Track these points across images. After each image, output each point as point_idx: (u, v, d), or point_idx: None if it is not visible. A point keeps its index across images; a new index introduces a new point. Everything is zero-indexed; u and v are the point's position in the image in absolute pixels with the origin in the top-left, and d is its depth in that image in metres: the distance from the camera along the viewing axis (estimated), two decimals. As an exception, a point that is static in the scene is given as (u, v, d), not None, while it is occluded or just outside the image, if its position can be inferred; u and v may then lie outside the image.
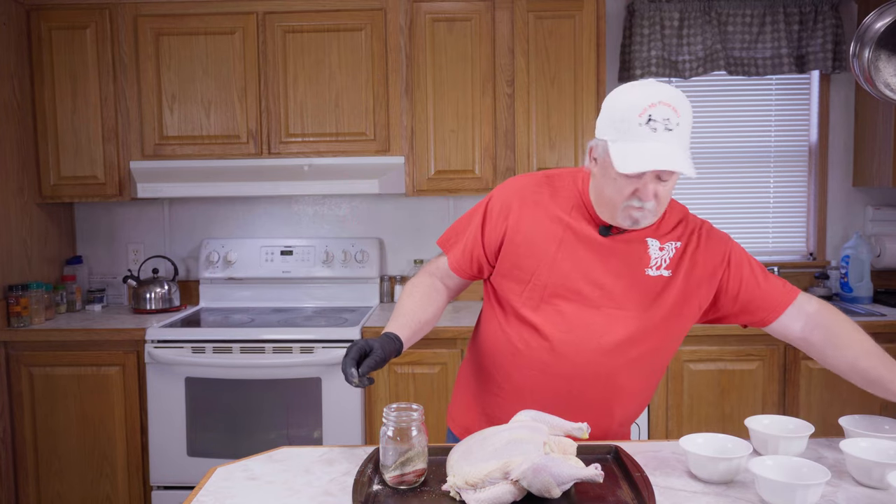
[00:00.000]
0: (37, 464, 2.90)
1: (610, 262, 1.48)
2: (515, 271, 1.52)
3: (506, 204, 1.55)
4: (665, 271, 1.49)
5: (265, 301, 3.35)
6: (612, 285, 1.48)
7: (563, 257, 1.49)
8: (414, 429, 1.28)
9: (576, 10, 3.01)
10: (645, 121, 1.33)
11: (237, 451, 2.72)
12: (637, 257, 1.48)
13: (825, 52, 3.21)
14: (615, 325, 1.47)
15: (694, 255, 1.50)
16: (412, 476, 1.27)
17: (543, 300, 1.49)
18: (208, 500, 1.27)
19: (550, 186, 1.55)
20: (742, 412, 2.78)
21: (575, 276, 1.48)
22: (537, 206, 1.53)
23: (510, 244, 1.53)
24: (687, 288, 1.49)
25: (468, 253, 1.59)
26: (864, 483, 1.29)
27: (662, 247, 1.50)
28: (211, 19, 3.05)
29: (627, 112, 1.35)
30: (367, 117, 3.05)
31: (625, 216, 1.42)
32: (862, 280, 3.17)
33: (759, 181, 3.46)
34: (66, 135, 3.10)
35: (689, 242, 1.51)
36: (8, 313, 2.90)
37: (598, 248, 1.49)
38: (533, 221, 1.52)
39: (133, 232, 3.49)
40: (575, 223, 1.50)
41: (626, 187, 1.39)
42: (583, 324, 1.47)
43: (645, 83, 1.39)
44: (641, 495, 1.19)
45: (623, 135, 1.35)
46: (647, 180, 1.37)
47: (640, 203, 1.39)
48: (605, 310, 1.47)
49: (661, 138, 1.33)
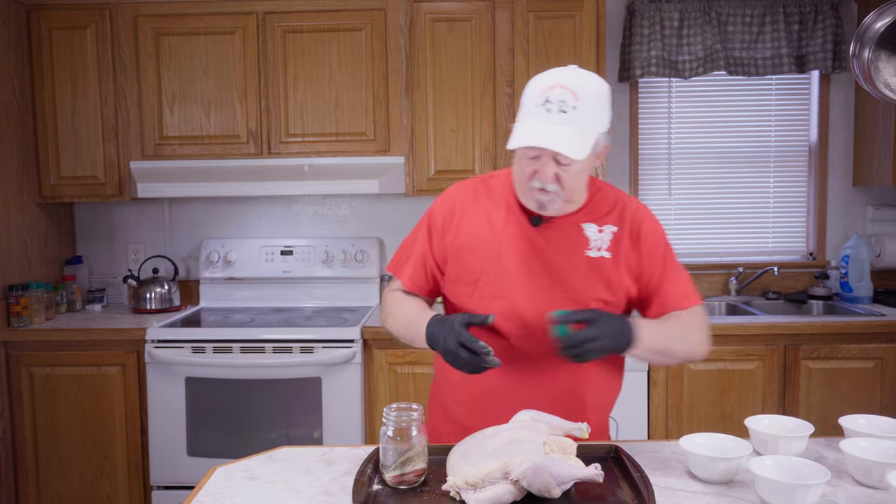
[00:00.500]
0: (37, 464, 2.90)
1: (551, 250, 1.51)
2: (464, 274, 1.55)
3: (448, 212, 1.58)
4: (606, 252, 1.52)
5: (265, 301, 3.35)
6: (557, 272, 1.51)
7: (507, 252, 1.52)
8: (414, 429, 1.28)
9: (576, 10, 3.01)
10: (542, 101, 1.38)
11: (237, 451, 2.72)
12: (575, 241, 1.52)
13: (825, 52, 3.21)
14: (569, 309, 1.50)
15: (629, 239, 1.53)
16: (412, 476, 1.27)
17: (495, 297, 1.52)
18: (208, 500, 1.27)
19: (486, 187, 1.59)
20: (742, 412, 2.77)
21: (520, 269, 1.51)
22: (476, 208, 1.57)
23: (456, 249, 1.56)
24: (624, 269, 1.52)
25: (420, 268, 1.60)
26: (864, 483, 1.29)
27: (601, 229, 1.53)
28: (211, 19, 3.05)
29: (530, 94, 1.41)
30: (367, 117, 3.05)
31: (531, 198, 1.46)
32: (862, 280, 3.17)
33: (759, 181, 3.46)
34: (66, 135, 3.10)
35: (624, 226, 1.54)
36: (8, 313, 2.90)
37: (537, 238, 1.52)
38: (474, 223, 1.55)
39: (133, 232, 3.49)
40: (512, 218, 1.54)
41: (527, 167, 1.43)
42: (537, 314, 1.49)
43: (560, 68, 1.45)
44: (641, 495, 1.19)
45: (523, 115, 1.42)
46: (545, 161, 1.40)
47: (541, 184, 1.42)
48: (555, 297, 1.50)
49: (553, 119, 1.36)
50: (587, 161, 1.43)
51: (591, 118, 1.39)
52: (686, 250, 3.48)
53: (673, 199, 3.46)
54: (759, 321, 2.84)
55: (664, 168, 3.45)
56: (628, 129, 3.42)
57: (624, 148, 3.42)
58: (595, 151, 1.43)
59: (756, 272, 3.37)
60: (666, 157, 3.45)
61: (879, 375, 2.80)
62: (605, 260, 1.51)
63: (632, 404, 2.82)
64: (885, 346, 2.80)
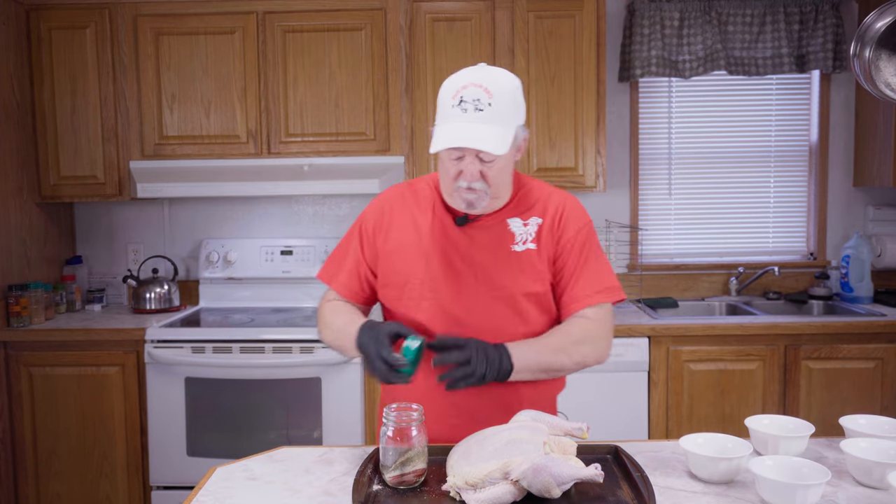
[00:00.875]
0: (36, 464, 2.90)
1: (476, 249, 1.53)
2: (393, 277, 1.56)
3: (377, 218, 1.60)
4: (531, 245, 1.54)
5: (265, 301, 3.35)
6: (483, 269, 1.52)
7: (433, 254, 1.54)
8: (414, 429, 1.28)
9: (576, 10, 3.01)
10: (457, 102, 1.40)
11: (237, 451, 2.71)
12: (500, 238, 1.53)
13: (825, 51, 3.21)
14: (497, 305, 1.51)
15: (550, 228, 1.55)
16: (412, 476, 1.27)
17: (423, 298, 1.53)
18: (208, 500, 1.27)
19: (411, 191, 1.62)
20: (742, 412, 2.77)
21: (447, 270, 1.53)
22: (403, 212, 1.59)
23: (386, 254, 1.58)
24: (545, 257, 1.54)
25: (354, 274, 1.61)
26: (864, 483, 1.29)
27: (526, 223, 1.55)
28: (211, 19, 3.05)
29: (444, 97, 1.43)
30: (367, 117, 3.05)
31: (458, 199, 1.47)
32: (862, 280, 3.17)
33: (759, 181, 3.46)
34: (66, 135, 3.10)
35: (547, 217, 1.56)
36: (8, 313, 2.90)
37: (463, 237, 1.54)
38: (401, 227, 1.57)
39: (133, 232, 3.48)
40: (437, 219, 1.56)
41: (451, 169, 1.45)
42: (465, 313, 1.51)
43: (470, 67, 1.45)
44: (641, 495, 1.19)
45: (441, 118, 1.43)
46: (469, 161, 1.42)
47: (467, 184, 1.44)
48: (484, 293, 1.52)
49: (470, 118, 1.38)
50: (509, 155, 1.46)
51: (507, 113, 1.41)
52: (686, 250, 3.48)
53: (673, 199, 3.46)
54: (760, 321, 2.84)
55: (664, 168, 3.45)
56: (628, 129, 3.41)
57: (624, 148, 3.42)
58: (515, 145, 1.46)
59: (756, 272, 3.37)
60: (666, 156, 3.45)
61: (880, 375, 2.80)
62: (532, 252, 1.53)
63: (632, 404, 2.82)
64: (885, 347, 2.80)
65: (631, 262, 3.43)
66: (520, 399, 1.54)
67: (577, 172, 3.06)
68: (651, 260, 3.46)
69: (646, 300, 3.29)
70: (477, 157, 1.42)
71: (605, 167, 3.07)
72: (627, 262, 3.43)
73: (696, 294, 3.43)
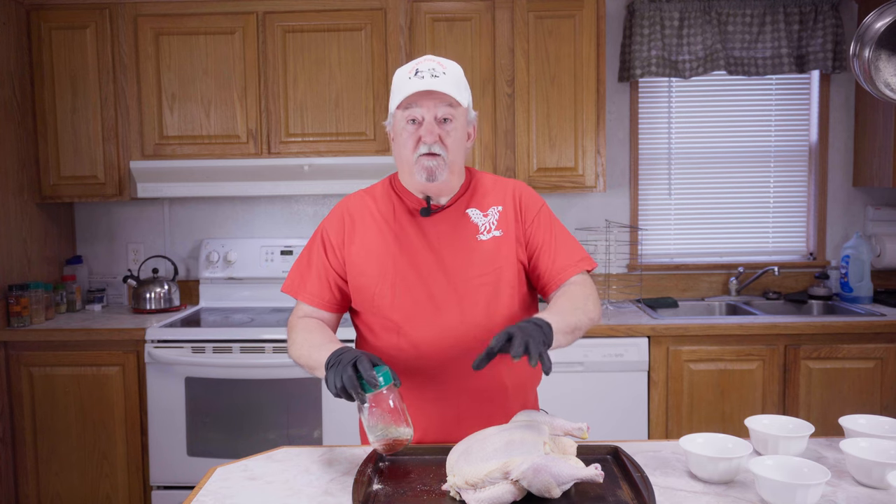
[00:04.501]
0: (37, 464, 2.90)
1: (444, 240, 1.55)
2: (361, 279, 1.56)
3: (339, 226, 1.60)
4: (496, 232, 1.56)
5: (265, 301, 3.35)
6: (454, 260, 1.54)
7: (401, 252, 1.54)
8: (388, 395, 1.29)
9: (576, 10, 3.01)
10: (413, 73, 1.48)
11: (237, 451, 2.72)
12: (464, 230, 1.56)
13: (825, 51, 3.21)
14: (472, 297, 1.52)
15: (513, 212, 1.58)
16: (392, 442, 1.30)
17: (395, 297, 1.53)
18: (208, 500, 1.27)
19: (370, 195, 1.64)
20: (742, 412, 2.78)
21: (414, 267, 1.53)
22: (364, 215, 1.60)
23: (353, 259, 1.57)
24: (514, 240, 1.56)
25: (324, 281, 1.59)
26: (864, 483, 1.29)
27: (486, 213, 1.58)
28: (211, 19, 3.05)
29: (399, 78, 1.51)
30: (367, 117, 3.05)
31: (420, 169, 1.50)
32: (862, 280, 3.17)
33: (759, 181, 3.46)
34: (66, 135, 3.10)
35: (507, 203, 1.59)
36: (8, 313, 2.90)
37: (428, 230, 1.56)
38: (364, 231, 1.58)
39: (133, 232, 3.48)
40: (399, 216, 1.58)
41: (409, 141, 1.49)
42: (436, 309, 1.51)
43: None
44: (641, 495, 1.19)
45: (397, 94, 1.50)
46: (428, 123, 1.48)
47: (427, 148, 1.47)
48: (456, 285, 1.52)
49: (428, 82, 1.46)
50: (462, 128, 1.52)
51: (460, 84, 1.51)
52: (686, 250, 3.48)
53: (673, 199, 3.46)
54: (760, 321, 2.84)
55: (664, 168, 3.45)
56: (628, 129, 3.42)
57: (624, 148, 3.42)
58: (469, 120, 1.54)
59: (756, 272, 3.37)
60: (666, 156, 3.45)
61: (880, 375, 2.80)
62: (498, 238, 1.56)
63: (632, 404, 2.82)
64: (885, 346, 2.80)
65: (631, 262, 3.43)
66: (504, 391, 1.55)
67: (577, 172, 3.06)
68: (651, 260, 3.46)
69: (646, 300, 3.29)
70: (435, 119, 1.48)
71: (604, 167, 3.07)
72: (627, 262, 3.43)
73: (696, 294, 3.43)
